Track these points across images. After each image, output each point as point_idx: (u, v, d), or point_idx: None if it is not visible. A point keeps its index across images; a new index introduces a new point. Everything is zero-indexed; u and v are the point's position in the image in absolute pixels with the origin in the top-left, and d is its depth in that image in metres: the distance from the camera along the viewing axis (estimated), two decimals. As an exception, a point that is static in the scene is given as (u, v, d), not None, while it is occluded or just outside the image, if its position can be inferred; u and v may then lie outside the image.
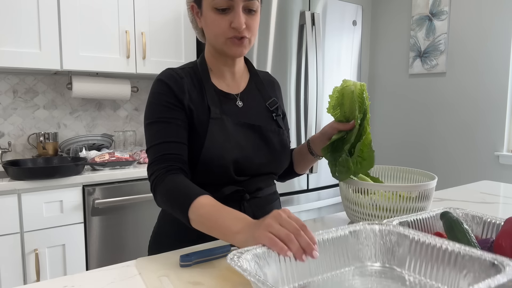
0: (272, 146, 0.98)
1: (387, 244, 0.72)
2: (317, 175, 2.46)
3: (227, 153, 0.91)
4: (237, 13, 0.87)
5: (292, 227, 0.64)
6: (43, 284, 0.71)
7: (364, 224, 0.74)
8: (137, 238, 1.94)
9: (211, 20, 0.89)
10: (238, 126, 0.95)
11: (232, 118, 0.95)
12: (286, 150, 1.03)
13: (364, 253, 0.73)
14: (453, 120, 2.89)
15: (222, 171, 0.91)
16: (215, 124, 0.92)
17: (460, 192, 1.46)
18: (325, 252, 0.69)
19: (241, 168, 0.94)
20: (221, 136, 0.91)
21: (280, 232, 0.63)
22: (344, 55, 2.51)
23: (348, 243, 0.72)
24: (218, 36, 0.91)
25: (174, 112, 0.90)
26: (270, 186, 1.05)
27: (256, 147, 0.96)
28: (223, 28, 0.89)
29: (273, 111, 1.04)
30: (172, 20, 2.22)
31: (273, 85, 1.12)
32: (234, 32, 0.89)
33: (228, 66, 1.00)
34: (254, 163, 0.95)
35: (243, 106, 1.00)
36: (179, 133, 0.90)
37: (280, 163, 1.01)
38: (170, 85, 0.92)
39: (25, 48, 1.84)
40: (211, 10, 0.89)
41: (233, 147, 0.92)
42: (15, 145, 2.15)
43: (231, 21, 0.88)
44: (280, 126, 1.03)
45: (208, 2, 0.89)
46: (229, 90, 1.00)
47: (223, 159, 0.90)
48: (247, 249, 0.62)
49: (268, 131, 0.99)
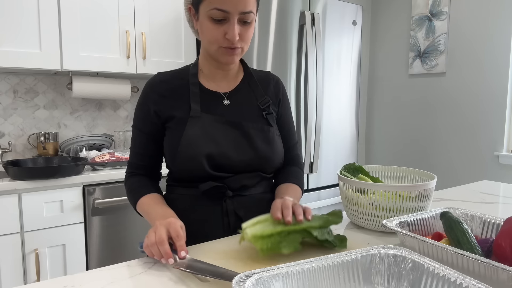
0: (254, 143, 0.98)
1: (400, 271, 0.68)
2: (317, 175, 2.46)
3: (200, 148, 0.94)
4: (232, 25, 0.89)
5: (158, 239, 0.78)
6: (43, 284, 0.71)
7: (379, 248, 0.70)
8: (137, 238, 1.94)
9: (206, 28, 0.92)
10: (218, 123, 0.97)
11: (214, 116, 0.98)
12: (273, 148, 1.01)
13: (376, 278, 0.69)
14: (453, 120, 2.89)
15: (196, 167, 0.95)
16: (193, 122, 0.96)
17: (460, 192, 1.47)
18: (336, 275, 0.66)
19: (217, 164, 0.96)
20: (196, 133, 0.95)
21: (149, 244, 0.79)
22: (344, 55, 2.51)
23: (360, 267, 0.69)
24: (211, 44, 0.93)
25: (147, 123, 1.01)
26: (259, 185, 1.03)
27: (236, 144, 0.97)
28: (217, 37, 0.91)
29: (264, 109, 1.04)
30: (172, 20, 2.22)
31: (268, 84, 1.10)
32: (228, 43, 0.91)
33: (220, 69, 1.03)
34: (232, 160, 0.96)
35: (230, 104, 1.02)
36: (147, 145, 1.03)
37: (265, 160, 1.00)
38: (148, 93, 1.01)
39: (25, 48, 1.84)
40: (207, 19, 0.90)
41: (207, 143, 0.95)
42: (16, 145, 2.15)
43: (225, 32, 0.90)
44: (270, 124, 1.03)
45: (204, 10, 0.90)
46: (217, 89, 1.03)
47: (196, 154, 0.94)
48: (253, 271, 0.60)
49: (250, 128, 0.99)
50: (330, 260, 0.66)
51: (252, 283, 0.57)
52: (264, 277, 0.60)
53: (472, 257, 0.65)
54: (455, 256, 0.69)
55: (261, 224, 0.79)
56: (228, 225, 0.99)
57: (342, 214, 0.91)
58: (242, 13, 0.89)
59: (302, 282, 0.63)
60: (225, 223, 0.99)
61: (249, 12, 0.90)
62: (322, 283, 0.65)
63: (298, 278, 0.63)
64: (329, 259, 0.66)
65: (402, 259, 0.68)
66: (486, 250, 0.76)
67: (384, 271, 0.69)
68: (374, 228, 1.02)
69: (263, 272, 0.60)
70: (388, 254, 0.69)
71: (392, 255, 0.69)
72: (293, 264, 0.63)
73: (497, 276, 0.62)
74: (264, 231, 0.77)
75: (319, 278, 0.65)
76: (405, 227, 0.86)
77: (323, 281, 0.65)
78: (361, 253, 0.69)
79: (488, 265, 0.63)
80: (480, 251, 0.74)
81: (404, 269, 0.67)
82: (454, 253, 0.68)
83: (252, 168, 1.00)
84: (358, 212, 1.03)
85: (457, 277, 0.59)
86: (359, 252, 0.69)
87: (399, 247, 0.69)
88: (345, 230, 1.04)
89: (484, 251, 0.76)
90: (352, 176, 1.12)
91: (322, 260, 0.65)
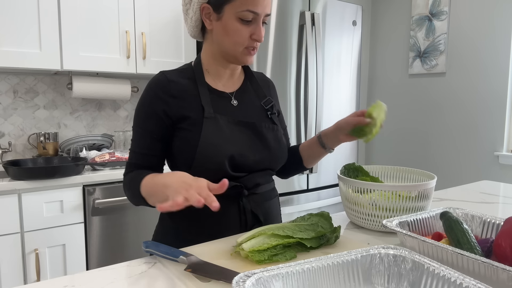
0: (267, 142, 1.01)
1: (400, 271, 0.68)
2: (317, 175, 2.46)
3: (222, 150, 0.94)
4: (258, 26, 0.94)
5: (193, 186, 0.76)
6: (43, 284, 0.71)
7: (379, 248, 0.70)
8: (137, 238, 1.94)
9: (234, 29, 0.93)
10: (232, 124, 0.98)
11: (227, 117, 0.98)
12: (282, 146, 1.05)
13: (376, 278, 0.69)
14: (452, 120, 2.89)
15: (218, 168, 0.94)
16: (209, 123, 0.95)
17: (460, 192, 1.47)
18: (336, 275, 0.67)
19: (236, 164, 0.96)
20: (215, 134, 0.94)
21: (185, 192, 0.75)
22: (344, 55, 2.51)
23: (360, 267, 0.69)
24: (237, 45, 0.94)
25: (152, 123, 0.96)
26: (268, 183, 1.07)
27: (251, 144, 0.99)
28: (244, 38, 0.94)
29: (268, 109, 1.07)
30: (172, 21, 2.22)
31: (268, 84, 1.15)
32: (253, 43, 0.95)
33: (228, 69, 1.03)
34: (249, 159, 0.98)
35: (237, 104, 1.03)
36: (152, 145, 0.98)
37: (276, 158, 1.04)
38: (156, 92, 0.96)
39: (25, 48, 1.84)
40: (235, 20, 0.92)
41: (228, 144, 0.95)
42: (16, 145, 2.15)
43: (252, 33, 0.94)
44: (275, 123, 1.06)
45: (233, 11, 0.91)
46: (224, 89, 1.03)
47: (217, 157, 0.93)
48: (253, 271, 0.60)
49: (262, 127, 1.01)
50: (330, 260, 0.66)
51: (252, 283, 0.57)
52: (264, 277, 0.60)
53: (472, 257, 0.65)
54: (455, 256, 0.69)
55: (256, 238, 0.82)
56: (245, 224, 1.00)
57: (330, 217, 0.93)
58: (266, 15, 0.95)
59: (302, 282, 0.63)
60: (242, 221, 1.00)
61: (269, 14, 0.96)
62: (322, 283, 0.64)
63: (298, 278, 0.63)
64: (329, 259, 0.66)
65: (402, 259, 0.68)
66: (486, 250, 0.76)
67: (384, 271, 0.69)
68: (374, 228, 1.02)
69: (263, 272, 0.60)
70: (388, 254, 0.69)
71: (392, 255, 0.69)
72: (293, 264, 0.63)
73: (497, 276, 0.62)
74: (261, 246, 0.79)
75: (319, 278, 0.65)
76: (405, 227, 0.86)
77: (323, 281, 0.65)
78: (361, 253, 0.68)
79: (488, 265, 0.63)
80: (480, 251, 0.74)
81: (404, 269, 0.67)
82: (454, 253, 0.68)
83: (264, 166, 1.02)
84: (358, 212, 1.03)
85: (457, 277, 0.59)
86: (359, 252, 0.69)
87: (399, 247, 0.69)
88: (345, 230, 1.04)
89: (484, 251, 0.76)
90: (352, 176, 1.12)
91: (322, 260, 0.65)
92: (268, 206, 1.05)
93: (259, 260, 0.77)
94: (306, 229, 0.87)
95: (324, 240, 0.88)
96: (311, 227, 0.89)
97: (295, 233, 0.84)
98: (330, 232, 0.89)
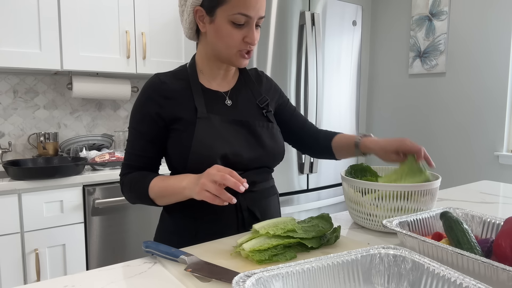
0: (261, 140, 1.01)
1: (400, 271, 0.68)
2: (317, 175, 2.46)
3: (215, 149, 0.94)
4: (251, 29, 0.93)
5: (220, 178, 0.80)
6: (43, 284, 0.71)
7: (379, 248, 0.70)
8: (137, 238, 1.94)
9: (226, 33, 0.93)
10: (226, 123, 0.99)
11: (220, 116, 0.99)
12: (278, 144, 1.05)
13: (376, 278, 0.69)
14: (452, 120, 2.89)
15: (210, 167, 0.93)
16: (202, 123, 0.96)
17: (460, 192, 1.47)
18: (336, 275, 0.66)
19: (231, 163, 0.96)
20: (208, 134, 0.95)
21: (212, 189, 0.80)
22: (344, 55, 2.51)
23: (360, 267, 0.69)
24: (230, 48, 0.95)
25: (146, 125, 0.98)
26: (266, 181, 1.07)
27: (246, 142, 0.99)
28: (236, 41, 0.94)
29: (264, 107, 1.07)
30: (172, 20, 2.22)
31: (261, 79, 1.14)
32: (246, 46, 0.95)
33: (221, 69, 1.04)
34: (244, 158, 0.98)
35: (232, 104, 1.03)
36: (146, 147, 1.00)
37: (272, 156, 1.04)
38: (149, 94, 0.98)
39: (25, 48, 1.84)
40: (227, 23, 0.92)
41: (221, 143, 0.95)
42: (16, 145, 2.15)
43: (244, 36, 0.94)
44: (271, 121, 1.06)
45: (225, 14, 0.91)
46: (218, 88, 1.04)
47: (210, 157, 0.94)
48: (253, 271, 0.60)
49: (256, 126, 1.02)
50: (330, 260, 0.66)
51: (252, 283, 0.57)
52: (264, 277, 0.60)
53: (472, 257, 0.65)
54: (455, 256, 0.69)
55: (257, 239, 0.83)
56: (242, 221, 1.00)
57: (330, 218, 0.94)
58: (260, 18, 0.94)
59: (302, 282, 0.63)
60: (239, 219, 1.00)
61: (264, 17, 0.96)
62: (322, 283, 0.64)
63: (298, 278, 0.63)
64: (329, 259, 0.66)
65: (402, 259, 0.68)
66: (486, 250, 0.76)
67: (384, 271, 0.69)
68: (375, 228, 1.02)
69: (263, 272, 0.60)
70: (388, 254, 0.69)
71: (392, 255, 0.69)
72: (293, 264, 0.63)
73: (497, 276, 0.62)
74: (262, 245, 0.80)
75: (319, 278, 0.65)
76: (405, 227, 0.86)
77: (323, 281, 0.65)
78: (361, 253, 0.68)
79: (488, 265, 0.63)
80: (480, 251, 0.74)
81: (404, 269, 0.67)
82: (454, 253, 0.68)
83: (260, 164, 1.03)
84: (360, 212, 1.03)
85: (457, 277, 0.59)
86: (359, 252, 0.68)
87: (399, 247, 0.69)
88: (347, 230, 1.04)
89: (484, 251, 0.76)
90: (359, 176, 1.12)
91: (322, 260, 0.65)
92: (266, 204, 1.05)
93: (259, 260, 0.78)
94: (307, 229, 0.88)
95: (324, 240, 0.88)
96: (312, 227, 0.89)
97: (296, 233, 0.85)
98: (330, 232, 0.90)
